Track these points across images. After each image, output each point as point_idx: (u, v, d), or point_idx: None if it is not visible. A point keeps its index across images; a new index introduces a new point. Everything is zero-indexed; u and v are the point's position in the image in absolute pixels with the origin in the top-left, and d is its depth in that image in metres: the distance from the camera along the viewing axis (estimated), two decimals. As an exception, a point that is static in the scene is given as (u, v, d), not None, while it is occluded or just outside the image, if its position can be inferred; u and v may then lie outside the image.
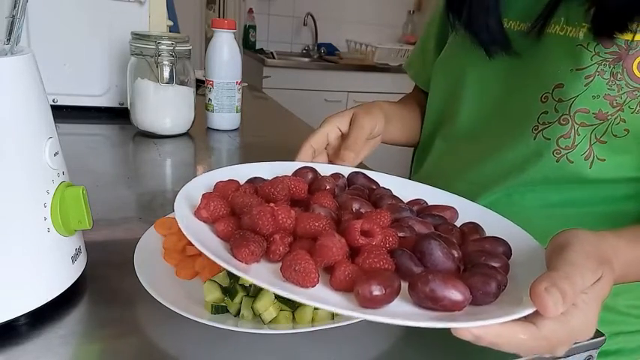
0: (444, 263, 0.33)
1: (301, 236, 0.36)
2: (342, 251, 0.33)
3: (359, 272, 0.31)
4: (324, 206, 0.38)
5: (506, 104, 0.57)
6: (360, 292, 0.30)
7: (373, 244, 0.34)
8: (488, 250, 0.36)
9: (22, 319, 0.37)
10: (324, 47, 2.99)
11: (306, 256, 0.32)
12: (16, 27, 0.36)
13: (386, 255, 0.33)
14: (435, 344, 0.41)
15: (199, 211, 0.38)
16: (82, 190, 0.39)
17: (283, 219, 0.35)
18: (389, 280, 0.30)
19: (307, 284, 0.31)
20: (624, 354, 0.58)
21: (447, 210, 0.44)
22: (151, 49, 0.83)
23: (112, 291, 0.42)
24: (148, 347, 0.37)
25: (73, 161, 0.45)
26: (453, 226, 0.41)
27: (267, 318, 0.38)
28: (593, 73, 0.48)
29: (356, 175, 0.49)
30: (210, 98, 0.95)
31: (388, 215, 0.37)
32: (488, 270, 0.32)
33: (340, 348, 0.39)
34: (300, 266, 0.31)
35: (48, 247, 0.38)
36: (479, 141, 0.60)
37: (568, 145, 0.51)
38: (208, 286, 0.40)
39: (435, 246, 0.33)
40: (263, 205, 0.36)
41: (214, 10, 2.77)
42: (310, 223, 0.35)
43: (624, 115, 0.48)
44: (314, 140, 0.55)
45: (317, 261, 0.32)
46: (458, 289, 0.30)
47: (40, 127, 0.37)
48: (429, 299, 0.30)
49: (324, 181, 0.45)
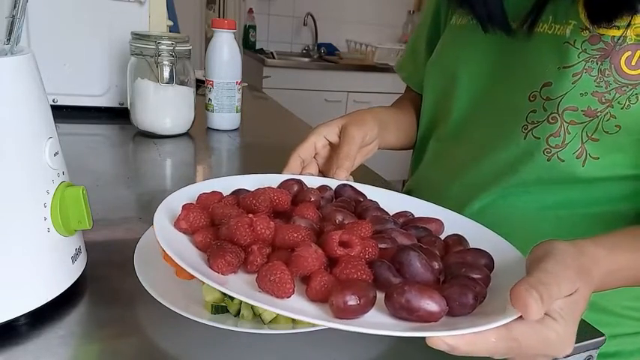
0: (423, 274, 0.33)
1: (279, 247, 0.35)
2: (318, 262, 0.33)
3: (335, 282, 0.31)
4: (305, 217, 0.39)
5: (496, 103, 0.57)
6: (334, 303, 0.29)
7: (352, 254, 0.34)
8: (470, 262, 0.37)
9: (22, 319, 0.37)
10: (324, 47, 2.99)
11: (282, 266, 0.32)
12: (16, 27, 0.36)
13: (364, 266, 0.33)
14: (435, 344, 0.41)
15: (179, 222, 0.38)
16: (82, 190, 0.39)
17: (262, 230, 0.35)
18: (364, 290, 0.30)
19: (282, 295, 0.31)
20: (623, 356, 0.58)
21: (433, 222, 0.44)
22: (151, 49, 0.83)
23: (112, 291, 0.42)
24: (148, 347, 0.37)
25: (73, 161, 0.45)
26: (437, 238, 0.41)
27: (267, 318, 0.38)
28: (580, 71, 0.48)
29: (343, 187, 0.49)
30: (210, 98, 0.95)
31: (369, 226, 0.37)
32: (467, 281, 0.32)
33: (340, 348, 0.39)
34: (276, 277, 0.31)
35: (48, 247, 0.38)
36: (471, 141, 0.60)
37: (558, 143, 0.51)
38: (208, 286, 0.40)
39: (413, 257, 0.33)
40: (241, 216, 0.36)
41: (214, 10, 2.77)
42: (289, 234, 0.35)
43: (614, 111, 0.48)
44: (301, 151, 0.55)
45: (293, 271, 0.32)
46: (434, 300, 0.30)
47: (40, 127, 0.37)
48: (405, 310, 0.30)
49: (309, 193, 0.45)
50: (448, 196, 0.61)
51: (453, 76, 0.61)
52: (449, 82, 0.62)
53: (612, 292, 0.56)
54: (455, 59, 0.62)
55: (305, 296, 0.32)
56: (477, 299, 0.31)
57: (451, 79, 0.62)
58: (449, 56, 0.63)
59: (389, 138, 0.65)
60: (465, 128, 0.61)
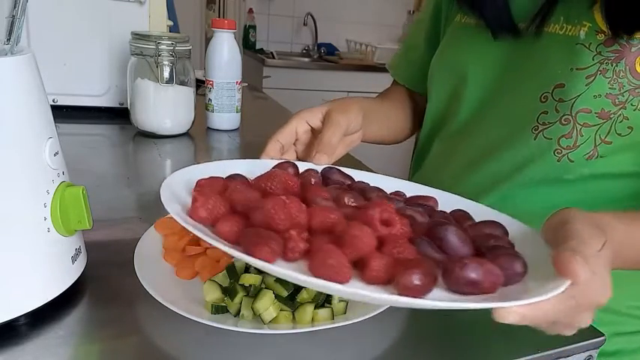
0: (462, 248, 0.33)
1: (316, 230, 0.33)
2: (373, 242, 0.31)
3: (393, 264, 0.30)
4: (326, 199, 0.36)
5: (505, 104, 0.57)
6: (401, 282, 0.28)
7: (394, 233, 0.32)
8: (494, 234, 0.37)
9: (22, 319, 0.37)
10: (324, 47, 2.99)
11: (337, 249, 0.30)
12: (16, 27, 0.36)
13: (409, 244, 0.32)
14: (434, 344, 0.41)
15: (197, 211, 0.34)
16: (82, 190, 0.39)
17: (296, 213, 0.32)
18: (428, 268, 0.29)
19: (341, 279, 0.29)
20: (624, 355, 0.58)
21: (430, 200, 0.44)
22: (151, 49, 0.83)
23: (112, 291, 0.42)
24: (148, 347, 0.37)
25: (73, 161, 0.45)
26: (447, 214, 0.40)
27: (267, 318, 0.38)
28: (594, 73, 0.48)
29: (330, 170, 0.47)
30: (210, 98, 0.95)
31: (392, 205, 0.35)
32: (510, 250, 0.33)
33: (340, 348, 0.39)
34: (334, 260, 0.29)
35: (48, 247, 0.38)
36: (479, 142, 0.60)
37: (570, 145, 0.51)
38: (208, 286, 0.40)
39: (451, 232, 0.33)
40: (276, 200, 0.32)
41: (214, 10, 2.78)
42: (326, 215, 0.33)
43: (627, 112, 0.48)
44: (281, 135, 0.52)
45: (347, 254, 0.30)
46: (494, 272, 0.30)
47: (40, 127, 0.37)
48: (469, 284, 0.30)
49: (310, 176, 0.43)
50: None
51: (461, 76, 0.61)
52: (457, 82, 0.62)
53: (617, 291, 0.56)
54: (464, 59, 0.61)
55: (359, 279, 0.30)
56: (525, 267, 0.31)
57: (460, 79, 0.61)
58: (457, 56, 0.63)
59: (373, 130, 0.63)
60: (473, 128, 0.61)
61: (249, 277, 0.40)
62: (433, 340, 0.41)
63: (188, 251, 0.48)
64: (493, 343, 0.42)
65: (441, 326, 0.43)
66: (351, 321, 0.38)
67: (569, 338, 0.42)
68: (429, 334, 0.42)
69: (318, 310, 0.39)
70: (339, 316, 0.40)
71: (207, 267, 0.45)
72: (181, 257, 0.47)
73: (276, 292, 0.40)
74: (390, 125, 0.70)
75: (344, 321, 0.38)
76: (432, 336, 0.42)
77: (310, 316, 0.39)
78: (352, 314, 0.40)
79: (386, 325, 0.42)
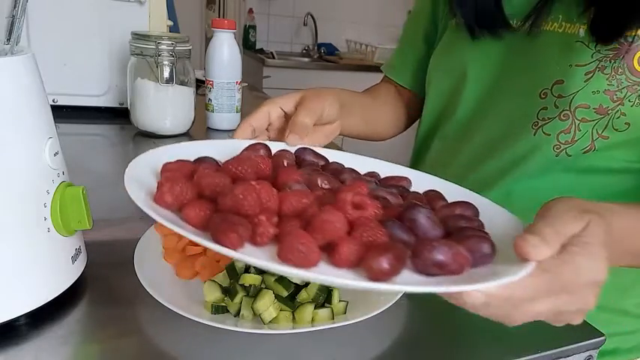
0: (433, 230, 0.33)
1: (287, 215, 0.32)
2: (344, 226, 0.31)
3: (363, 248, 0.30)
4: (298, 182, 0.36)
5: (505, 102, 0.57)
6: (373, 267, 0.28)
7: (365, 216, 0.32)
8: (464, 215, 0.36)
9: (22, 319, 0.37)
10: (324, 47, 2.99)
11: (306, 234, 0.29)
12: (16, 27, 0.36)
13: (380, 227, 0.31)
14: (434, 345, 0.41)
15: (162, 196, 0.32)
16: (82, 190, 0.39)
17: (266, 198, 0.31)
18: (397, 252, 0.29)
19: (309, 264, 0.29)
20: (621, 353, 0.58)
21: (403, 180, 0.44)
22: (151, 49, 0.83)
23: (112, 291, 0.42)
24: (148, 347, 0.37)
25: (73, 161, 0.45)
26: (420, 195, 0.40)
27: (267, 318, 0.38)
28: (593, 70, 0.49)
29: (304, 150, 0.46)
30: (210, 98, 0.95)
31: (366, 187, 0.35)
32: (478, 232, 0.32)
33: (340, 348, 0.39)
34: (303, 246, 0.28)
35: (48, 247, 0.38)
36: (478, 139, 0.60)
37: (568, 140, 0.51)
38: (208, 286, 0.40)
39: (422, 214, 0.33)
40: (246, 184, 0.32)
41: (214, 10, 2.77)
42: (297, 200, 0.32)
43: (624, 108, 0.48)
44: (254, 119, 0.51)
45: (317, 238, 0.30)
46: (461, 254, 0.30)
47: (40, 127, 0.37)
48: (436, 266, 0.30)
49: (282, 158, 0.42)
50: None
51: (461, 74, 0.61)
52: (457, 80, 0.62)
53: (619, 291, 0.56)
54: (463, 58, 0.61)
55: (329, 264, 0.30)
56: (493, 249, 0.31)
57: (459, 78, 0.62)
58: (457, 55, 0.63)
59: (354, 123, 0.62)
60: (473, 126, 0.61)
61: (249, 277, 0.40)
62: (433, 341, 0.41)
63: (188, 251, 0.48)
64: (493, 343, 0.42)
65: (441, 326, 0.43)
66: (351, 321, 0.38)
67: (569, 338, 0.43)
68: (428, 334, 0.42)
69: (318, 310, 0.39)
70: (339, 316, 0.40)
71: (207, 267, 0.45)
72: (181, 257, 0.47)
73: (276, 292, 0.40)
74: (370, 120, 0.69)
75: (344, 321, 0.38)
76: (431, 336, 0.42)
77: (310, 316, 0.39)
78: (352, 314, 0.40)
79: (386, 325, 0.42)
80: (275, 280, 0.40)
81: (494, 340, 0.42)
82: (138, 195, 0.31)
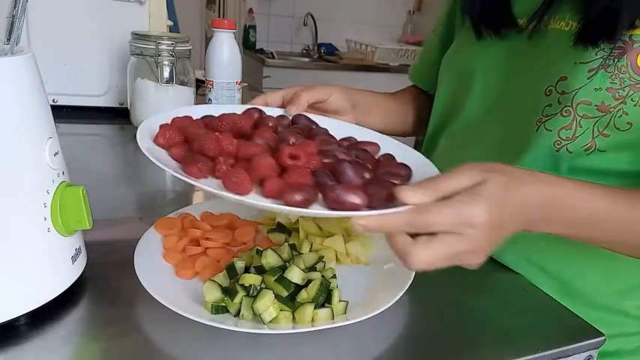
0: (354, 180, 0.41)
1: (241, 159, 0.43)
2: (271, 168, 0.40)
3: (284, 184, 0.39)
4: (263, 137, 0.46)
5: (513, 100, 0.57)
6: (287, 198, 0.37)
7: (298, 164, 0.42)
8: (393, 172, 0.45)
9: (22, 319, 0.37)
10: (324, 47, 2.98)
11: (242, 171, 0.39)
12: (16, 27, 0.36)
13: (307, 173, 0.41)
14: (434, 345, 0.41)
15: (157, 139, 0.44)
16: (82, 190, 0.39)
17: (226, 145, 0.42)
18: (308, 190, 0.38)
19: (242, 192, 0.38)
20: (623, 355, 0.58)
21: (370, 145, 0.53)
22: (151, 49, 0.83)
23: (112, 291, 0.42)
24: (148, 347, 0.37)
25: (73, 161, 0.45)
26: (371, 156, 0.50)
27: (267, 318, 0.38)
28: (597, 67, 0.49)
29: (299, 116, 0.57)
30: (210, 98, 0.95)
31: (314, 144, 0.46)
32: (386, 183, 0.40)
33: (340, 348, 0.39)
34: (238, 178, 0.38)
35: (48, 247, 0.38)
36: (484, 136, 0.61)
37: (569, 136, 0.52)
38: (208, 286, 0.40)
39: (347, 167, 0.42)
40: (209, 134, 0.44)
41: (214, 10, 2.77)
42: (248, 148, 0.43)
43: (626, 107, 0.48)
44: (269, 95, 0.60)
45: (251, 175, 0.39)
46: (357, 195, 0.38)
47: (40, 127, 0.37)
48: (336, 202, 0.37)
49: (268, 120, 0.53)
50: None
51: (469, 72, 0.62)
52: (465, 79, 0.63)
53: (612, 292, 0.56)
54: (471, 56, 0.62)
55: (259, 194, 0.40)
56: (391, 196, 0.37)
57: (467, 76, 0.62)
58: (465, 54, 0.64)
59: (374, 121, 0.68)
60: (479, 124, 0.62)
61: (249, 277, 0.40)
62: (433, 340, 0.41)
63: (188, 251, 0.48)
64: (493, 343, 0.42)
65: (441, 326, 0.43)
66: (351, 321, 0.38)
67: (569, 338, 0.43)
68: (428, 334, 0.42)
69: (318, 310, 0.39)
70: (339, 316, 0.40)
71: (208, 267, 0.45)
72: (181, 257, 0.47)
73: (276, 292, 0.40)
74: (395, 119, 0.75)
75: (344, 321, 0.39)
76: (431, 336, 0.42)
77: (310, 316, 0.39)
78: (352, 314, 0.40)
79: (386, 325, 0.42)
80: (275, 280, 0.40)
81: (494, 340, 0.42)
82: (142, 138, 0.42)
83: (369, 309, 0.40)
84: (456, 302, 0.47)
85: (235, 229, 0.53)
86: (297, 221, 0.53)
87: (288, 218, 0.53)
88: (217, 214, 0.55)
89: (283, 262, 0.44)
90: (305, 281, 0.41)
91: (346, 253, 0.50)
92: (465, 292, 0.49)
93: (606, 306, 0.57)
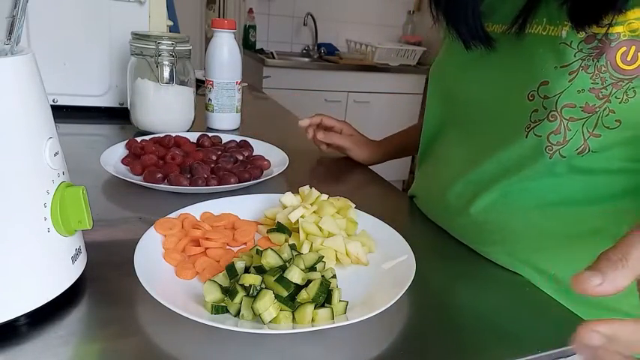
0: (202, 172, 0.66)
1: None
2: (155, 163, 0.68)
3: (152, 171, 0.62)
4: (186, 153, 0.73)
5: (499, 105, 0.58)
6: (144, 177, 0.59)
7: (169, 162, 0.69)
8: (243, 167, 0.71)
9: (22, 319, 0.37)
10: (324, 47, 2.98)
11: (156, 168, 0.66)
12: (16, 27, 0.36)
13: (176, 166, 0.67)
14: (434, 345, 0.41)
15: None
16: (82, 190, 0.39)
17: (169, 160, 0.70)
18: (156, 174, 0.64)
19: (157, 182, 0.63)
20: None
21: (247, 147, 0.78)
22: (151, 49, 0.83)
23: (112, 291, 0.42)
24: (148, 347, 0.37)
25: (73, 161, 0.45)
26: (239, 153, 0.76)
27: (267, 318, 0.38)
28: (577, 69, 0.49)
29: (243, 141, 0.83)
30: (210, 98, 0.95)
31: (201, 153, 0.71)
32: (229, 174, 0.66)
33: (340, 348, 0.39)
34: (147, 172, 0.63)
35: (48, 247, 0.38)
36: (475, 143, 0.61)
37: (559, 140, 0.52)
38: (208, 286, 0.40)
39: (199, 165, 0.66)
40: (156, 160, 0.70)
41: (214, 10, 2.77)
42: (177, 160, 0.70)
43: (612, 106, 0.48)
44: (325, 117, 0.86)
45: (153, 169, 0.66)
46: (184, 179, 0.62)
47: (40, 127, 0.37)
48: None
49: (209, 141, 0.80)
50: (451, 197, 0.62)
51: (456, 80, 0.63)
52: (452, 86, 0.63)
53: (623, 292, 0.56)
54: (455, 64, 0.63)
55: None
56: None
57: (454, 83, 0.63)
58: (449, 61, 0.65)
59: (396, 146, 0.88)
60: (470, 131, 0.62)
61: (249, 277, 0.40)
62: (433, 341, 0.41)
63: (188, 251, 0.48)
64: (493, 343, 0.42)
65: (442, 326, 0.43)
66: (351, 321, 0.38)
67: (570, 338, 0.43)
68: (428, 334, 0.42)
69: (318, 310, 0.39)
70: (339, 316, 0.40)
71: (208, 267, 0.45)
72: (181, 257, 0.47)
73: (276, 292, 0.40)
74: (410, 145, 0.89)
75: (344, 321, 0.39)
76: (432, 336, 0.42)
77: (310, 316, 0.39)
78: (352, 314, 0.40)
79: (386, 325, 0.42)
80: (275, 280, 0.40)
81: (494, 340, 0.42)
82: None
83: (369, 309, 0.40)
84: (456, 302, 0.47)
85: (235, 229, 0.53)
86: (297, 221, 0.53)
87: (288, 219, 0.53)
88: (217, 215, 0.55)
89: (283, 262, 0.44)
90: (305, 281, 0.41)
91: (346, 253, 0.50)
92: (464, 292, 0.49)
93: (606, 306, 0.57)
